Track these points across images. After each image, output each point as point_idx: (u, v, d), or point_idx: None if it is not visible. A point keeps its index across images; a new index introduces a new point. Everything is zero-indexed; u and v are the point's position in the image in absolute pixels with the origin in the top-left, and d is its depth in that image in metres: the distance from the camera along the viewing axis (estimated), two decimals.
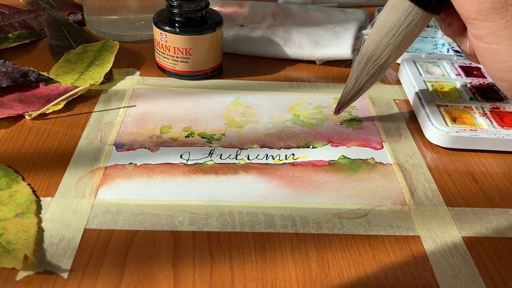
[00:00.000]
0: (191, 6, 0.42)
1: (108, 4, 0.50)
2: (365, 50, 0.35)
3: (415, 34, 0.33)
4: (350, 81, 0.38)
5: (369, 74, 0.36)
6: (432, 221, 0.32)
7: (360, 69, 0.36)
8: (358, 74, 0.37)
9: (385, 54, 0.34)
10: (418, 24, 0.32)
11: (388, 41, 0.34)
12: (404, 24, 0.32)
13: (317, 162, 0.36)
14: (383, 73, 0.36)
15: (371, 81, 0.37)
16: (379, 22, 0.34)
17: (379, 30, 0.34)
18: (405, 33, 0.33)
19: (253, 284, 0.27)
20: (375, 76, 0.36)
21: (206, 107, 0.41)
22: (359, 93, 0.38)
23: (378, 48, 0.34)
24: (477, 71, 0.46)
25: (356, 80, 0.37)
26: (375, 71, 0.36)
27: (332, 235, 0.30)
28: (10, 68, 0.42)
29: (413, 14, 0.32)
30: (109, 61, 0.45)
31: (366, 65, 0.36)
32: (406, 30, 0.33)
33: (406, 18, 0.32)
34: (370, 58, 0.35)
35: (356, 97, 0.38)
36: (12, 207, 0.30)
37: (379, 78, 0.37)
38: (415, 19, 0.32)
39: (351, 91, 0.38)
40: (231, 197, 0.33)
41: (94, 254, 0.28)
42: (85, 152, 0.36)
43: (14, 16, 0.52)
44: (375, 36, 0.34)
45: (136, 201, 0.32)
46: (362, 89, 0.37)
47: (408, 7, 0.32)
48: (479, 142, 0.37)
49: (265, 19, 0.53)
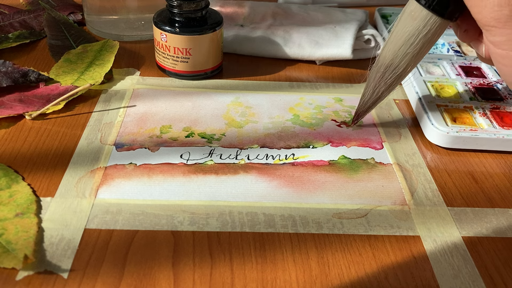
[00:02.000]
0: (191, 6, 0.42)
1: (108, 4, 0.50)
2: (383, 60, 0.35)
3: (433, 41, 0.33)
4: (367, 91, 0.37)
5: (387, 84, 0.36)
6: (432, 221, 0.32)
7: (378, 79, 0.36)
8: (376, 83, 0.36)
9: (403, 63, 0.34)
10: (436, 32, 0.32)
11: (407, 50, 0.34)
12: (422, 33, 0.32)
13: (317, 162, 0.36)
14: (401, 82, 0.36)
15: (389, 89, 0.37)
16: (396, 32, 0.34)
17: (397, 39, 0.34)
18: (423, 41, 0.33)
19: (253, 284, 0.27)
20: (393, 85, 0.36)
21: (206, 107, 0.41)
22: (377, 102, 0.38)
23: (396, 58, 0.34)
24: (477, 71, 0.46)
25: (374, 90, 0.37)
26: (393, 80, 0.36)
27: (332, 235, 0.30)
28: (10, 68, 0.42)
29: (431, 23, 0.32)
30: (109, 61, 0.45)
31: (384, 74, 0.35)
32: (425, 38, 0.33)
33: (425, 26, 0.32)
34: (388, 67, 0.35)
35: (373, 106, 0.38)
36: (12, 207, 0.30)
37: (396, 86, 0.37)
38: (433, 27, 0.32)
39: (369, 101, 0.38)
40: (231, 197, 0.33)
41: (94, 254, 0.28)
42: (85, 152, 0.36)
43: (14, 16, 0.52)
44: (392, 46, 0.34)
45: (136, 201, 0.32)
46: (380, 98, 0.37)
47: (426, 16, 0.32)
48: (479, 142, 0.37)
49: (265, 19, 0.53)
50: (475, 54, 0.50)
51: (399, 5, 0.63)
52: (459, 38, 0.33)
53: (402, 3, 0.62)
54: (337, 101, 0.43)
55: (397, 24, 0.34)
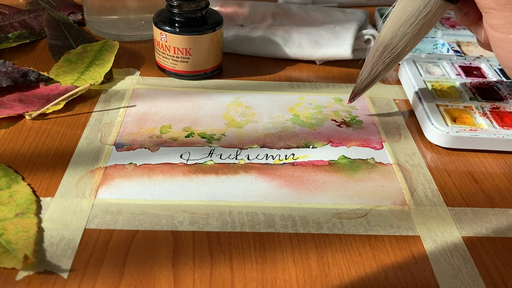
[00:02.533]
0: (191, 6, 0.42)
1: (108, 4, 0.50)
2: (382, 39, 0.35)
3: (433, 23, 0.33)
4: (365, 69, 0.38)
5: (385, 63, 0.36)
6: (432, 221, 0.32)
7: (377, 58, 0.36)
8: (374, 62, 0.37)
9: (402, 43, 0.35)
10: (436, 13, 0.33)
11: (406, 30, 0.34)
12: (422, 14, 0.33)
13: (317, 162, 0.36)
14: (399, 62, 0.37)
15: (387, 69, 0.37)
16: (397, 11, 0.34)
17: (397, 19, 0.34)
18: (423, 22, 0.33)
19: (253, 284, 0.27)
20: (391, 64, 0.36)
21: (206, 107, 0.41)
22: (374, 81, 0.38)
23: (396, 37, 0.35)
24: (477, 71, 0.46)
25: (372, 68, 0.37)
26: (392, 59, 0.36)
27: (332, 235, 0.30)
28: (10, 68, 0.42)
29: (431, 4, 0.32)
30: (109, 61, 0.45)
31: (383, 53, 0.36)
32: (424, 19, 0.33)
33: (425, 7, 0.32)
34: (387, 46, 0.35)
35: (370, 85, 0.38)
36: (12, 207, 0.30)
37: (394, 66, 0.37)
38: (433, 8, 0.32)
39: (366, 79, 0.38)
40: (231, 197, 0.33)
41: (94, 254, 0.28)
42: (85, 152, 0.36)
43: (14, 16, 0.52)
44: (392, 25, 0.34)
45: (136, 201, 0.32)
46: (377, 77, 0.38)
47: None
48: (479, 142, 0.37)
49: (265, 19, 0.53)
50: (475, 54, 0.50)
51: None
52: (459, 21, 0.33)
53: None
54: (337, 101, 0.43)
55: (398, 4, 0.34)
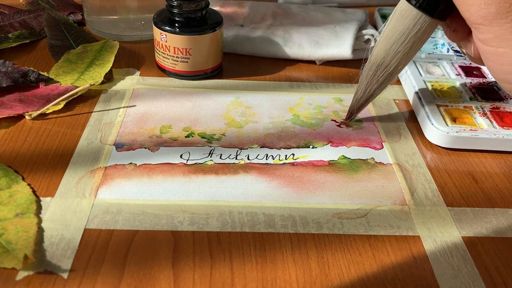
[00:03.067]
0: (191, 6, 0.42)
1: (108, 4, 0.50)
2: (375, 58, 0.36)
3: (423, 40, 0.34)
4: (360, 89, 0.38)
5: (379, 81, 0.37)
6: (432, 221, 0.32)
7: (370, 77, 0.37)
8: (368, 81, 0.37)
9: (394, 61, 0.35)
10: (426, 31, 0.33)
11: (398, 49, 0.34)
12: (412, 32, 0.33)
13: (317, 162, 0.36)
14: (393, 80, 0.37)
15: (381, 87, 0.37)
16: (387, 31, 0.34)
17: (388, 38, 0.34)
18: (413, 40, 0.34)
19: (253, 284, 0.27)
20: (385, 82, 0.37)
21: (206, 107, 0.41)
22: (369, 100, 0.39)
23: (388, 56, 0.35)
24: (477, 71, 0.46)
25: (366, 88, 0.38)
26: (385, 78, 0.36)
27: (332, 235, 0.30)
28: (10, 68, 0.42)
29: (421, 22, 0.33)
30: (109, 61, 0.45)
31: (376, 72, 0.36)
32: (415, 37, 0.34)
33: (415, 25, 0.33)
34: (380, 65, 0.36)
35: (366, 104, 0.39)
36: (12, 207, 0.30)
37: (388, 84, 0.37)
38: (423, 26, 0.33)
39: (361, 99, 0.39)
40: (231, 197, 0.33)
41: (94, 254, 0.28)
42: (85, 152, 0.36)
43: (14, 16, 0.52)
44: (384, 44, 0.35)
45: (136, 201, 0.32)
46: (372, 96, 0.38)
47: (416, 15, 0.33)
48: (479, 142, 0.37)
49: (265, 19, 0.53)
50: None
51: None
52: (449, 37, 0.33)
53: None
54: (337, 101, 0.43)
55: (388, 23, 0.35)
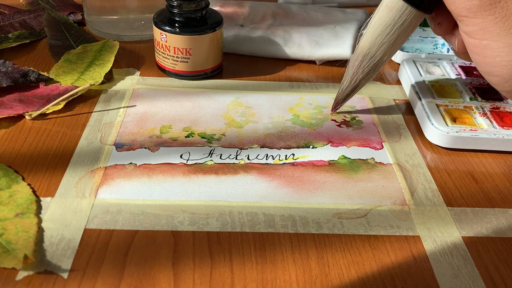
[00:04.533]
0: (191, 6, 0.42)
1: (108, 4, 0.50)
2: (361, 49, 0.36)
3: (408, 32, 0.35)
4: (346, 79, 0.39)
5: (365, 72, 0.37)
6: (432, 221, 0.32)
7: (356, 67, 0.37)
8: (354, 71, 0.38)
9: (380, 52, 0.36)
10: (412, 23, 0.34)
11: (383, 40, 0.35)
12: (398, 23, 0.34)
13: (317, 162, 0.36)
14: (378, 71, 0.38)
15: (367, 78, 0.38)
16: (374, 22, 0.35)
17: (374, 29, 0.35)
18: (399, 32, 0.34)
19: (253, 284, 0.27)
20: (370, 73, 0.37)
21: (206, 107, 0.41)
22: (355, 91, 0.39)
23: (373, 47, 0.36)
24: (477, 71, 0.46)
25: (352, 78, 0.38)
26: (371, 68, 0.37)
27: (332, 235, 0.30)
28: (10, 68, 0.42)
29: (406, 14, 0.33)
30: (109, 61, 0.45)
31: (362, 63, 0.37)
32: (400, 29, 0.34)
33: (400, 17, 0.33)
34: (365, 56, 0.36)
35: (351, 94, 0.39)
36: (12, 207, 0.30)
37: (374, 75, 0.38)
38: (408, 18, 0.33)
39: (347, 89, 0.39)
40: (231, 197, 0.33)
41: (94, 254, 0.28)
42: (85, 152, 0.36)
43: (14, 16, 0.52)
44: (370, 35, 0.35)
45: (136, 201, 0.32)
46: (357, 87, 0.39)
47: (402, 7, 0.33)
48: (479, 142, 0.37)
49: (265, 19, 0.53)
50: None
51: None
52: (434, 31, 0.34)
53: None
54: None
55: (375, 15, 0.35)
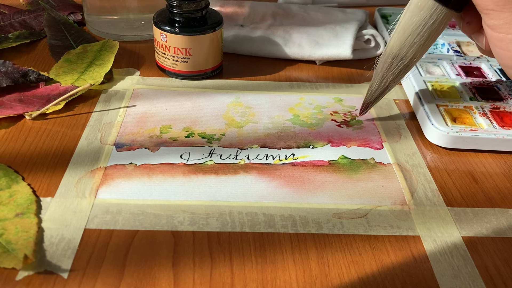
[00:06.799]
0: (191, 6, 0.42)
1: (108, 4, 0.50)
2: (390, 50, 0.36)
3: (439, 31, 0.34)
4: (375, 81, 0.38)
5: (395, 74, 0.37)
6: (432, 221, 0.32)
7: (386, 69, 0.37)
8: (383, 74, 0.37)
9: (410, 53, 0.35)
10: (442, 21, 0.33)
11: (414, 40, 0.34)
12: (429, 23, 0.33)
13: (317, 162, 0.36)
14: (408, 72, 0.37)
15: (396, 80, 0.37)
16: (403, 22, 0.35)
17: (404, 29, 0.34)
18: (429, 31, 0.34)
19: (253, 284, 0.27)
20: (400, 75, 0.37)
21: (206, 107, 0.41)
22: (384, 93, 0.39)
23: (404, 48, 0.35)
24: (477, 71, 0.46)
25: (382, 80, 0.38)
26: (401, 70, 0.36)
27: (332, 235, 0.30)
28: (10, 68, 0.42)
29: (437, 13, 0.33)
30: (109, 61, 0.45)
31: (392, 64, 0.36)
32: (431, 28, 0.34)
33: (431, 16, 0.33)
34: (395, 57, 0.36)
35: (381, 96, 0.39)
36: (12, 207, 0.30)
37: (404, 76, 0.37)
38: (439, 17, 0.33)
39: (377, 91, 0.38)
40: (231, 197, 0.33)
41: (94, 254, 0.28)
42: (85, 152, 0.36)
43: (14, 16, 0.52)
44: (399, 36, 0.35)
45: (136, 201, 0.32)
46: (387, 89, 0.38)
47: (432, 6, 0.33)
48: (479, 142, 0.37)
49: (265, 19, 0.53)
50: (475, 54, 0.50)
51: (399, 5, 0.63)
52: (462, 30, 0.34)
53: (402, 3, 0.62)
54: (337, 101, 0.43)
55: (404, 15, 0.35)
